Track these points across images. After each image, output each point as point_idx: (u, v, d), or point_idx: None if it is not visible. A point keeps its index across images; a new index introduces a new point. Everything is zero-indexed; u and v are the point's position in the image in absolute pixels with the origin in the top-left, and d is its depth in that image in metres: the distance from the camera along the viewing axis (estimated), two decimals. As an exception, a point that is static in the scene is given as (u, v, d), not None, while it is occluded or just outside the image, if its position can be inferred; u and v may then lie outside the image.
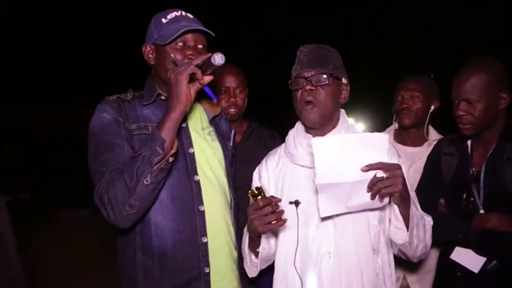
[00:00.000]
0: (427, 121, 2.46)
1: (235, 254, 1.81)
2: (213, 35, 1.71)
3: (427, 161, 2.13)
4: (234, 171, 1.96)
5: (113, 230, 1.69)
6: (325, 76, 1.62)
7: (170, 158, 1.55)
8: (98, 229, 1.49)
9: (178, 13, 1.71)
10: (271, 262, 1.73)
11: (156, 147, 1.51)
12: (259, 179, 1.81)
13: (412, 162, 2.40)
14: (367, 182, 1.42)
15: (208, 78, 1.57)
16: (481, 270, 1.81)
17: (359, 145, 1.42)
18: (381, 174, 1.40)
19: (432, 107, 2.47)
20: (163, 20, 1.69)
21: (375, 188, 1.41)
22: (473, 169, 1.91)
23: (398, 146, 2.52)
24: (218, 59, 1.51)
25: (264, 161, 1.84)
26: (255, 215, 1.50)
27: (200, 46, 1.69)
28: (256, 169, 1.85)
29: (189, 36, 1.67)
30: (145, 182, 1.50)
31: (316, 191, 1.49)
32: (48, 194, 10.02)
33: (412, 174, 2.27)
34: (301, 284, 1.60)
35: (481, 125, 1.84)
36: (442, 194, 1.99)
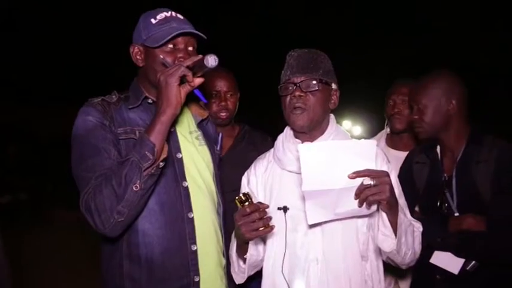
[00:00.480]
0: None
1: (224, 260, 1.79)
2: (205, 37, 1.66)
3: (400, 172, 2.18)
4: (220, 175, 1.93)
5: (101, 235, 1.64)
6: (314, 82, 1.62)
7: (161, 164, 1.50)
8: (95, 230, 1.51)
9: (168, 13, 1.65)
10: (260, 268, 1.72)
11: (146, 152, 1.46)
12: (248, 183, 1.80)
13: (404, 166, 2.39)
14: (354, 189, 1.41)
15: (199, 81, 1.53)
16: (460, 271, 1.86)
17: (346, 152, 1.41)
18: (368, 181, 1.39)
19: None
20: (153, 21, 1.63)
21: (362, 195, 1.40)
22: (445, 175, 1.99)
23: (390, 150, 2.52)
24: (211, 60, 1.47)
25: (252, 166, 1.83)
26: (242, 221, 1.49)
27: (190, 48, 1.65)
28: (245, 174, 1.84)
29: (179, 38, 1.62)
30: (134, 188, 1.45)
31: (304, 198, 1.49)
32: (46, 195, 10.04)
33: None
34: None
35: (432, 128, 1.99)
36: (417, 203, 2.05)
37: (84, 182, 1.52)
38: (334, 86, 1.69)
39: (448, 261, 1.90)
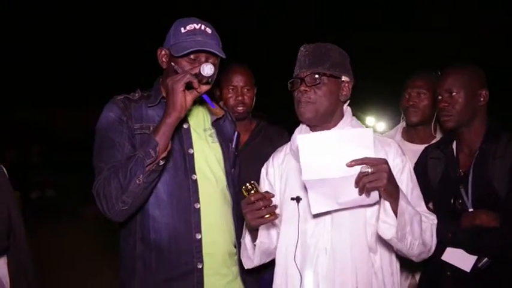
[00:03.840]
0: (434, 118, 2.42)
1: (234, 250, 1.86)
2: (223, 56, 1.74)
3: (414, 167, 2.14)
4: (238, 173, 1.99)
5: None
6: (317, 76, 1.65)
7: (161, 161, 1.62)
8: (104, 214, 1.68)
9: (197, 26, 1.74)
10: (274, 256, 1.76)
11: (150, 150, 1.59)
12: (266, 175, 1.86)
13: (420, 159, 2.37)
14: (354, 178, 1.43)
15: (205, 88, 1.65)
16: (472, 269, 1.84)
17: (345, 141, 1.44)
18: (365, 169, 1.41)
19: (439, 104, 2.44)
20: (182, 30, 1.73)
21: (360, 183, 1.42)
22: (461, 171, 1.97)
23: (406, 143, 2.50)
24: (207, 69, 1.60)
25: (271, 158, 1.89)
26: (247, 209, 1.56)
27: (211, 61, 1.73)
28: (264, 165, 1.90)
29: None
30: (137, 182, 1.59)
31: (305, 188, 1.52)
32: (72, 191, 10.29)
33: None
34: (301, 278, 1.63)
35: (461, 117, 1.94)
36: (431, 198, 2.00)
37: (98, 171, 1.69)
38: (345, 78, 1.70)
39: (460, 259, 1.87)
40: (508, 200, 1.81)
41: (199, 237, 1.74)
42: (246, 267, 1.81)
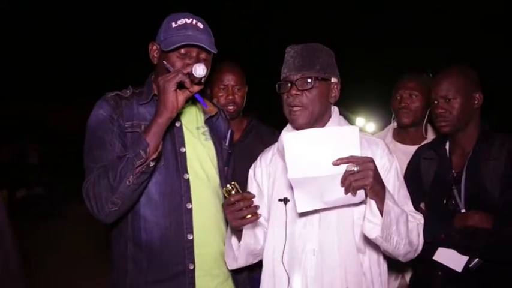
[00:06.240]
0: (425, 120, 2.45)
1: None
2: (214, 51, 1.71)
3: (407, 168, 2.17)
4: (232, 171, 1.98)
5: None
6: (309, 80, 1.62)
7: (151, 163, 1.59)
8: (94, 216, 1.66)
9: (189, 20, 1.71)
10: (260, 257, 1.75)
11: (140, 151, 1.55)
12: (254, 175, 1.84)
13: (411, 160, 2.38)
14: (340, 176, 1.42)
15: (197, 87, 1.62)
16: (463, 269, 1.85)
17: (331, 139, 1.43)
18: (351, 167, 1.40)
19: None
20: (173, 24, 1.70)
21: (346, 181, 1.41)
22: (453, 171, 1.98)
23: (397, 144, 2.52)
24: (199, 70, 1.56)
25: (259, 158, 1.87)
26: (228, 210, 1.55)
27: (202, 56, 1.70)
28: (252, 166, 1.88)
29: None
30: (127, 183, 1.56)
31: (291, 187, 1.51)
32: (62, 189, 10.21)
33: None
34: (288, 280, 1.62)
35: (458, 122, 1.95)
36: (423, 199, 2.02)
37: (88, 171, 1.66)
38: (334, 79, 1.69)
39: (451, 259, 1.88)
40: (501, 202, 1.82)
41: (191, 237, 1.72)
42: (230, 268, 1.80)
